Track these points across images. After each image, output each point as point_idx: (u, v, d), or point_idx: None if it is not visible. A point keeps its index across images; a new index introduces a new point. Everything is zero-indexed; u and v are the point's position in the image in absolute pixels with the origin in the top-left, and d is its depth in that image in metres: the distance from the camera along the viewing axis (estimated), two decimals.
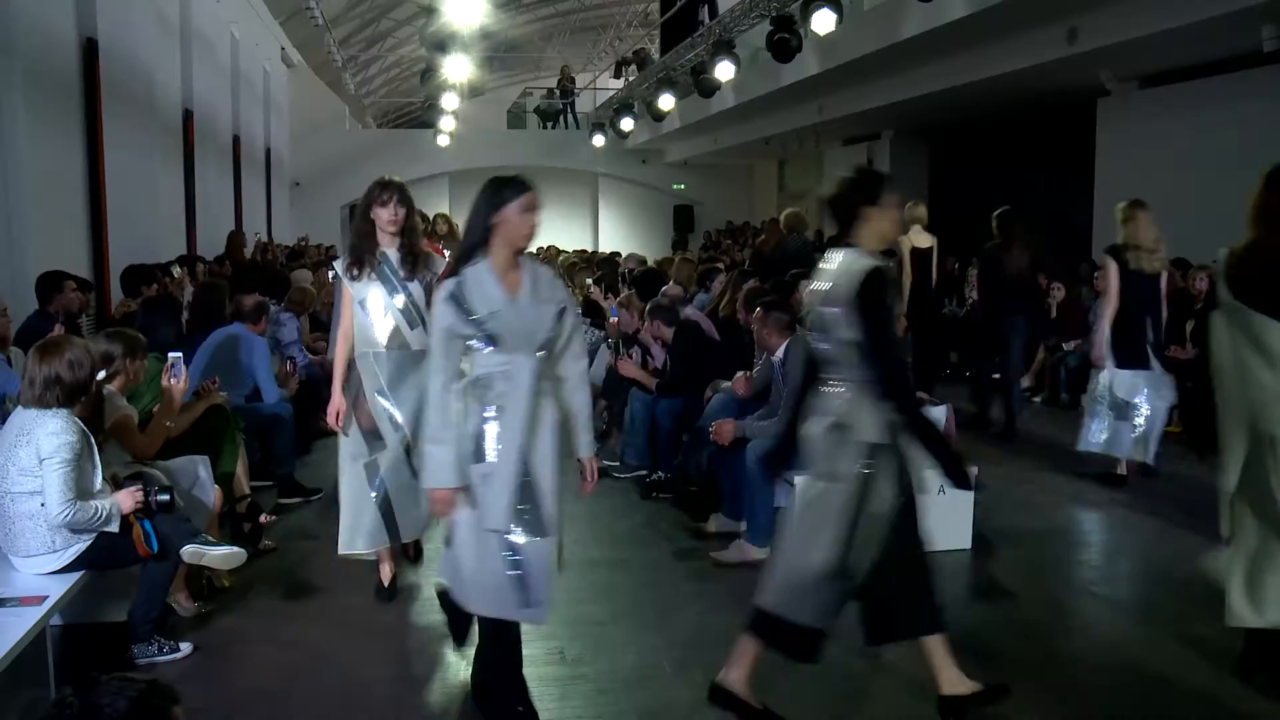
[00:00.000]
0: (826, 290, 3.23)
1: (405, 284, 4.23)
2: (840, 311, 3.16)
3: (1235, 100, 9.59)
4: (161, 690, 1.77)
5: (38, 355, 3.73)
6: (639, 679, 3.81)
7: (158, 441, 4.42)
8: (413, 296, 4.23)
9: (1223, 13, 7.84)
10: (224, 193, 14.57)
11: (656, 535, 5.58)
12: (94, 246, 8.53)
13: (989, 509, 5.53)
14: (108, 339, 4.46)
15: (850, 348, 3.16)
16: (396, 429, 4.24)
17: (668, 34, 17.70)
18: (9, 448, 3.66)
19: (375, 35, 25.66)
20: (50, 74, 7.76)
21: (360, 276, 4.23)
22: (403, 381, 4.22)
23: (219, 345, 5.94)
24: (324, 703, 3.64)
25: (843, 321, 3.15)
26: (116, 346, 4.37)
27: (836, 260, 3.26)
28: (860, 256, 3.21)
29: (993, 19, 9.29)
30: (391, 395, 4.23)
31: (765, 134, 17.34)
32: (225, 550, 4.00)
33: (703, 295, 8.31)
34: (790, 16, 10.67)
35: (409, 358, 4.23)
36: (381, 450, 4.28)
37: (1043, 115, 13.17)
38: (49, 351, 3.73)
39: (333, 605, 4.55)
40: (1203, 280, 8.43)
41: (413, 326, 4.23)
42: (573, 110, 24.89)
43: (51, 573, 3.70)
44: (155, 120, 10.46)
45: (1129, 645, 4.12)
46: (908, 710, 3.59)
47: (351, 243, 4.34)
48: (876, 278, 3.13)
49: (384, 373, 4.23)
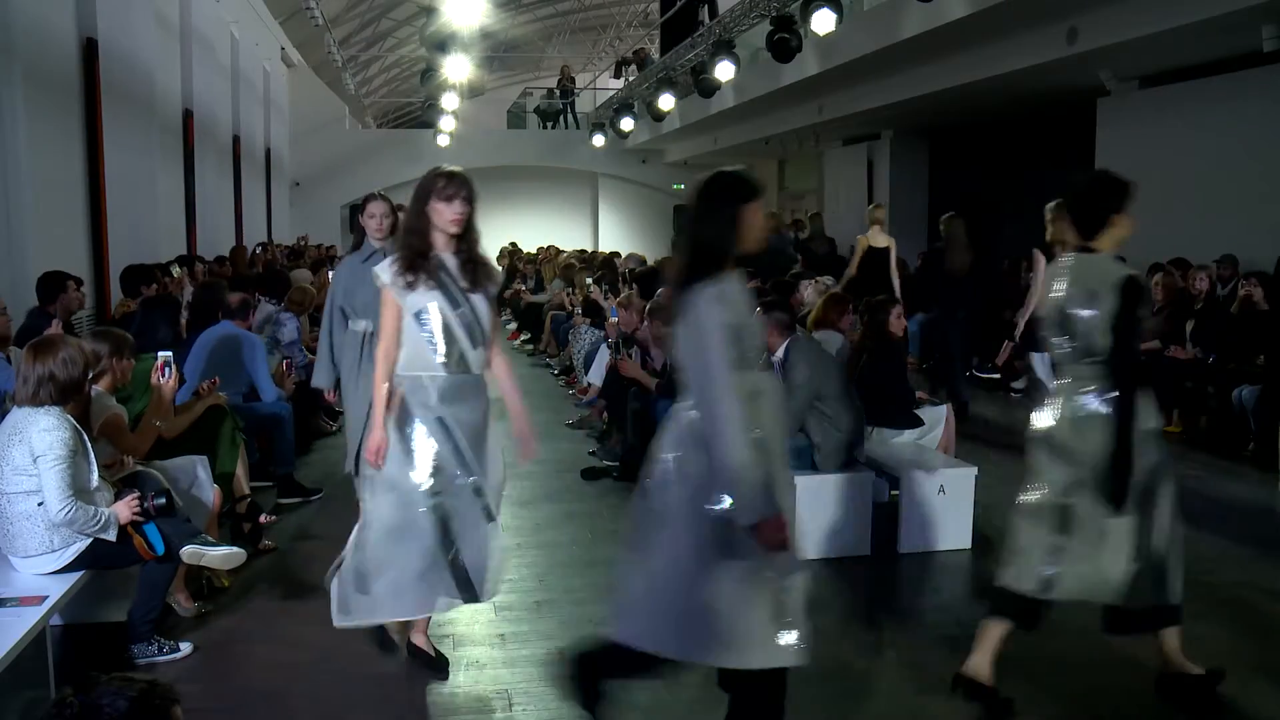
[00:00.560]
0: (1075, 293, 3.35)
1: (467, 295, 3.56)
2: (1093, 315, 3.27)
3: (1235, 100, 9.59)
4: (161, 690, 1.77)
5: (31, 354, 3.73)
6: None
7: (148, 440, 4.41)
8: (476, 311, 3.57)
9: (1223, 13, 7.84)
10: (224, 193, 14.57)
11: None
12: (94, 246, 8.52)
13: (989, 509, 5.52)
14: (94, 338, 4.43)
15: (1096, 348, 3.29)
16: (464, 467, 3.57)
17: (668, 34, 17.70)
18: (2, 448, 3.66)
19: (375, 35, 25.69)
20: (50, 74, 7.76)
21: (416, 285, 3.52)
22: (463, 411, 3.58)
23: (217, 344, 5.94)
24: (324, 703, 3.64)
25: (1095, 324, 3.28)
26: (103, 346, 4.34)
27: (1082, 264, 3.39)
28: (1113, 263, 3.35)
29: (993, 19, 9.29)
30: (458, 427, 3.57)
31: (765, 134, 17.34)
32: (225, 550, 4.00)
33: None
34: (790, 16, 10.67)
35: (470, 383, 3.61)
36: (447, 493, 3.56)
37: (1043, 115, 13.17)
38: (42, 350, 3.73)
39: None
40: (1202, 280, 8.43)
41: (474, 346, 3.57)
42: (573, 110, 24.90)
43: (51, 573, 3.70)
44: (155, 120, 10.46)
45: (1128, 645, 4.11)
46: (909, 709, 3.59)
47: (403, 243, 3.63)
48: (1137, 285, 3.29)
49: (445, 400, 3.56)
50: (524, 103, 27.61)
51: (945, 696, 3.55)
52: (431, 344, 3.52)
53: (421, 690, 3.74)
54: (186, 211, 12.19)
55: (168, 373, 4.47)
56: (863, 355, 5.90)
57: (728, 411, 2.68)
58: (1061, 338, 3.41)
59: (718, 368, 2.70)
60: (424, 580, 3.55)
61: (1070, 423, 3.37)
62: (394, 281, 3.53)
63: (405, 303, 3.52)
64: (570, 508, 6.06)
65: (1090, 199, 3.45)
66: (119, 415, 4.32)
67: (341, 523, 5.27)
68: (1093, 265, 3.37)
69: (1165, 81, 10.47)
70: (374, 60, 26.99)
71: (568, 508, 6.05)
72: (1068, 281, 3.39)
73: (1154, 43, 8.89)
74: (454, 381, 3.56)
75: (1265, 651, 4.04)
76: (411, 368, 3.56)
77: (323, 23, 15.86)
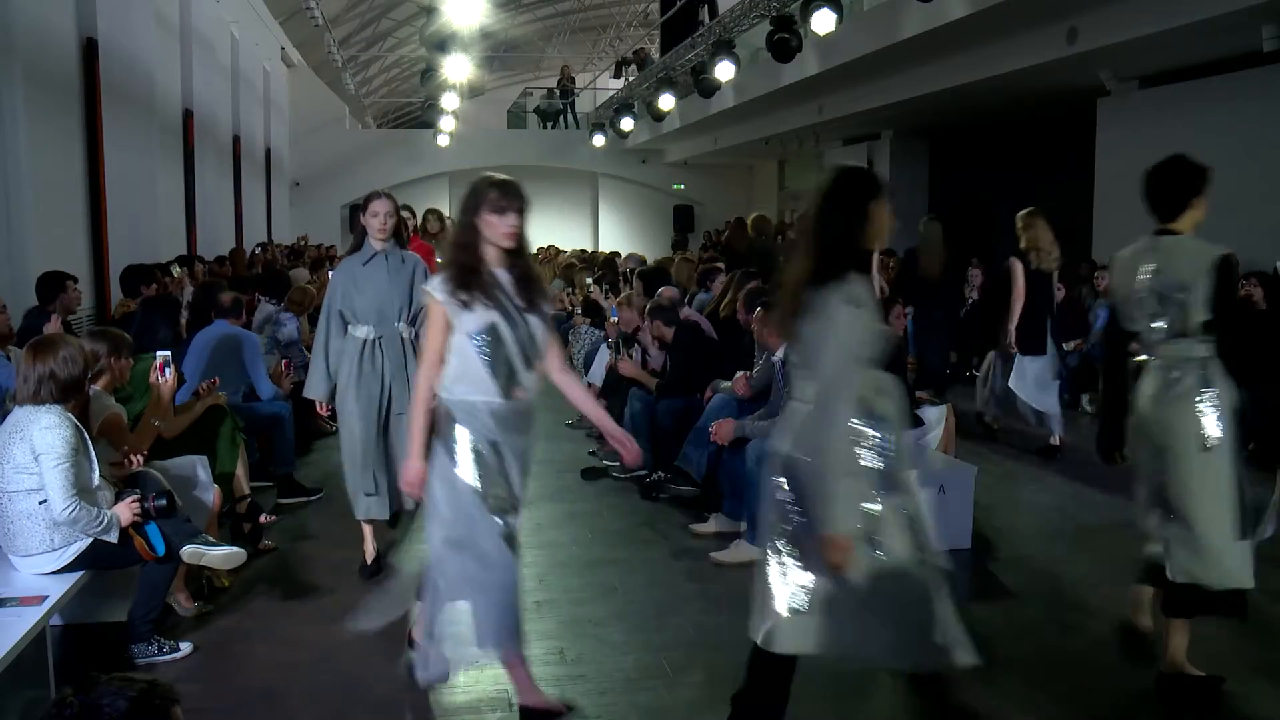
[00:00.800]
0: (1168, 273, 3.42)
1: (524, 315, 3.30)
2: (1189, 293, 3.37)
3: (1235, 100, 9.59)
4: (161, 690, 1.77)
5: (31, 353, 3.74)
6: (639, 679, 3.81)
7: (147, 440, 4.41)
8: (532, 331, 3.31)
9: (1223, 13, 7.83)
10: (224, 192, 14.57)
11: (656, 535, 5.58)
12: (94, 246, 8.53)
13: (989, 509, 5.53)
14: (92, 338, 4.43)
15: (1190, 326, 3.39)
16: (515, 503, 3.35)
17: (668, 34, 17.70)
18: (3, 446, 3.66)
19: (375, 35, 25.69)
20: (50, 74, 7.76)
21: (473, 303, 3.25)
22: (517, 440, 3.34)
23: (216, 344, 5.94)
24: (324, 703, 3.64)
25: (1193, 302, 3.37)
26: (101, 345, 4.34)
27: (1171, 245, 3.45)
28: (1204, 243, 3.45)
29: (993, 19, 9.28)
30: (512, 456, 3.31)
31: (765, 134, 17.33)
32: (225, 550, 4.00)
33: (703, 295, 8.31)
34: (790, 16, 10.67)
35: (523, 410, 3.35)
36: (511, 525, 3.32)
37: (1043, 115, 13.16)
38: (43, 349, 3.74)
39: (333, 605, 4.54)
40: None
41: (529, 369, 3.32)
42: (573, 110, 24.90)
43: (51, 572, 3.70)
44: (155, 120, 10.47)
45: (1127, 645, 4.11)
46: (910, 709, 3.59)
47: (453, 258, 3.35)
48: (1232, 263, 3.40)
49: (502, 427, 3.29)
50: (524, 103, 27.62)
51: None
52: (490, 367, 3.24)
53: (421, 691, 3.73)
54: (186, 211, 12.20)
55: (167, 372, 4.47)
56: None
57: (843, 419, 2.67)
58: (1154, 318, 3.49)
59: (845, 373, 2.68)
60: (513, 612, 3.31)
61: (1162, 401, 3.46)
62: (448, 299, 3.24)
63: (459, 322, 3.24)
64: (570, 508, 6.06)
65: (1171, 183, 3.54)
66: (118, 415, 4.32)
67: (341, 523, 5.30)
68: (1182, 246, 3.46)
69: (1165, 81, 10.47)
70: (374, 60, 26.99)
71: (568, 508, 6.06)
72: (1157, 263, 3.47)
73: (1154, 43, 8.89)
74: (510, 408, 3.29)
75: (1265, 651, 4.04)
76: (464, 392, 3.27)
77: (323, 23, 15.86)
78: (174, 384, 4.58)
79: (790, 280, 2.88)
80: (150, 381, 4.51)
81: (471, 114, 24.26)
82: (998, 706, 3.48)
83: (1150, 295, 3.48)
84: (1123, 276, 3.61)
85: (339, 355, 4.76)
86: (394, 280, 4.76)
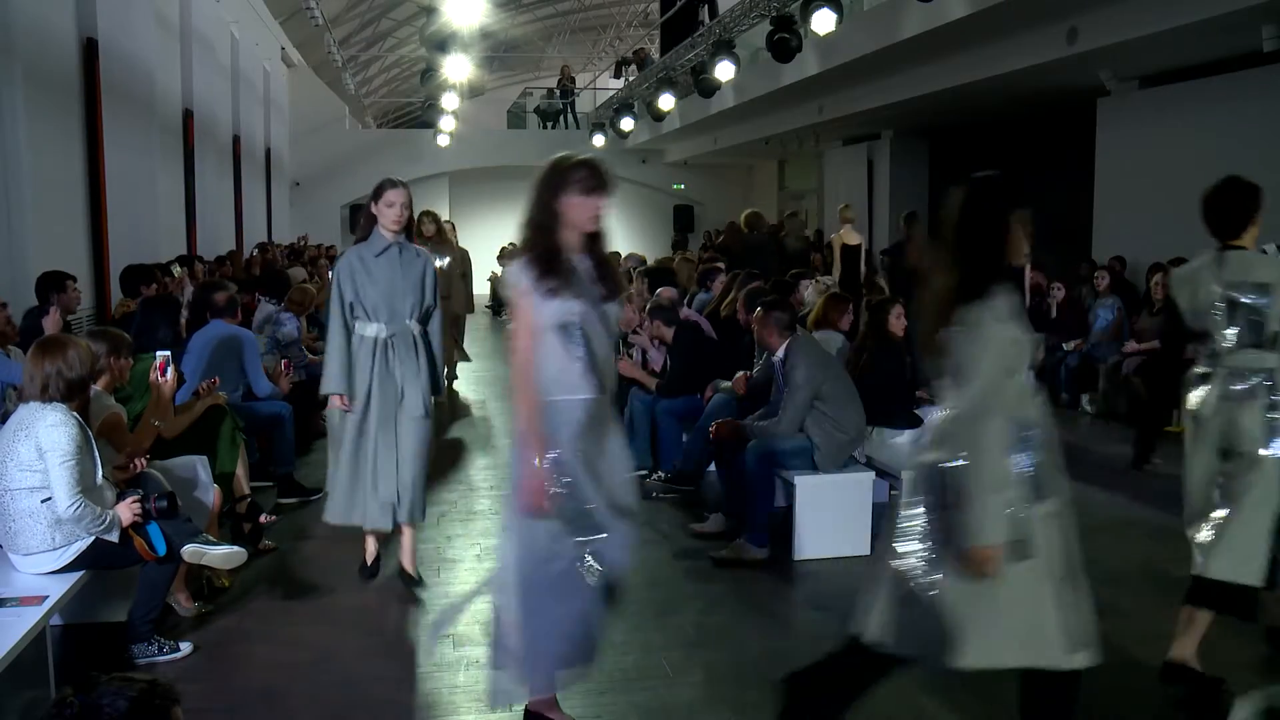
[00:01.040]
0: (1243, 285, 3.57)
1: (604, 305, 3.08)
2: (1266, 303, 3.55)
3: (1235, 100, 9.59)
4: (161, 690, 1.77)
5: (39, 352, 3.75)
6: (639, 679, 3.81)
7: (147, 440, 4.41)
8: (609, 324, 3.13)
9: (1223, 13, 7.83)
10: (224, 192, 14.57)
11: (656, 535, 5.58)
12: (94, 246, 8.52)
13: None
14: (92, 338, 4.40)
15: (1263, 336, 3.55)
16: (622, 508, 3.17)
17: (668, 34, 17.70)
18: (8, 443, 3.67)
19: (375, 35, 25.69)
20: (50, 74, 7.76)
21: (559, 291, 3.00)
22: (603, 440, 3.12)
23: (215, 344, 5.94)
24: (324, 703, 3.64)
25: (1270, 312, 3.55)
26: (101, 345, 4.32)
27: (1240, 259, 3.61)
28: (1275, 256, 3.73)
29: (993, 19, 9.28)
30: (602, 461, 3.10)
31: (765, 134, 17.33)
32: (225, 550, 4.00)
33: (703, 295, 8.31)
34: (790, 16, 10.67)
35: (607, 405, 3.15)
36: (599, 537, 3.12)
37: (1043, 115, 13.16)
38: (49, 349, 3.75)
39: (333, 605, 4.54)
40: None
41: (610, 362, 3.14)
42: (573, 110, 24.89)
43: (51, 572, 3.70)
44: (155, 120, 10.46)
45: (1128, 646, 4.11)
46: (910, 709, 3.59)
47: (533, 242, 3.07)
48: None
49: (594, 426, 3.07)
50: (524, 103, 27.61)
51: (947, 695, 3.55)
52: (582, 361, 3.02)
53: (422, 690, 3.74)
54: (186, 211, 12.19)
55: (167, 372, 4.47)
56: (863, 355, 5.91)
57: (996, 434, 2.62)
58: (1224, 328, 3.61)
59: (997, 388, 2.64)
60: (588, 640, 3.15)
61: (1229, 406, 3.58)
62: (536, 287, 2.99)
63: (545, 313, 2.99)
64: None
65: (1233, 203, 3.70)
66: (118, 415, 4.32)
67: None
68: (1253, 259, 3.64)
69: (1165, 81, 10.47)
70: (374, 60, 27.00)
71: None
72: (1229, 276, 3.61)
73: (1154, 43, 8.89)
74: (600, 403, 3.08)
75: (1265, 651, 4.04)
76: (557, 389, 3.02)
77: (323, 23, 15.85)
78: (174, 384, 4.58)
79: (934, 296, 2.79)
80: (150, 381, 4.51)
81: (471, 114, 24.24)
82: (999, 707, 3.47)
83: (1222, 306, 3.61)
84: (1189, 289, 3.75)
85: (355, 355, 4.53)
86: (407, 275, 4.54)
